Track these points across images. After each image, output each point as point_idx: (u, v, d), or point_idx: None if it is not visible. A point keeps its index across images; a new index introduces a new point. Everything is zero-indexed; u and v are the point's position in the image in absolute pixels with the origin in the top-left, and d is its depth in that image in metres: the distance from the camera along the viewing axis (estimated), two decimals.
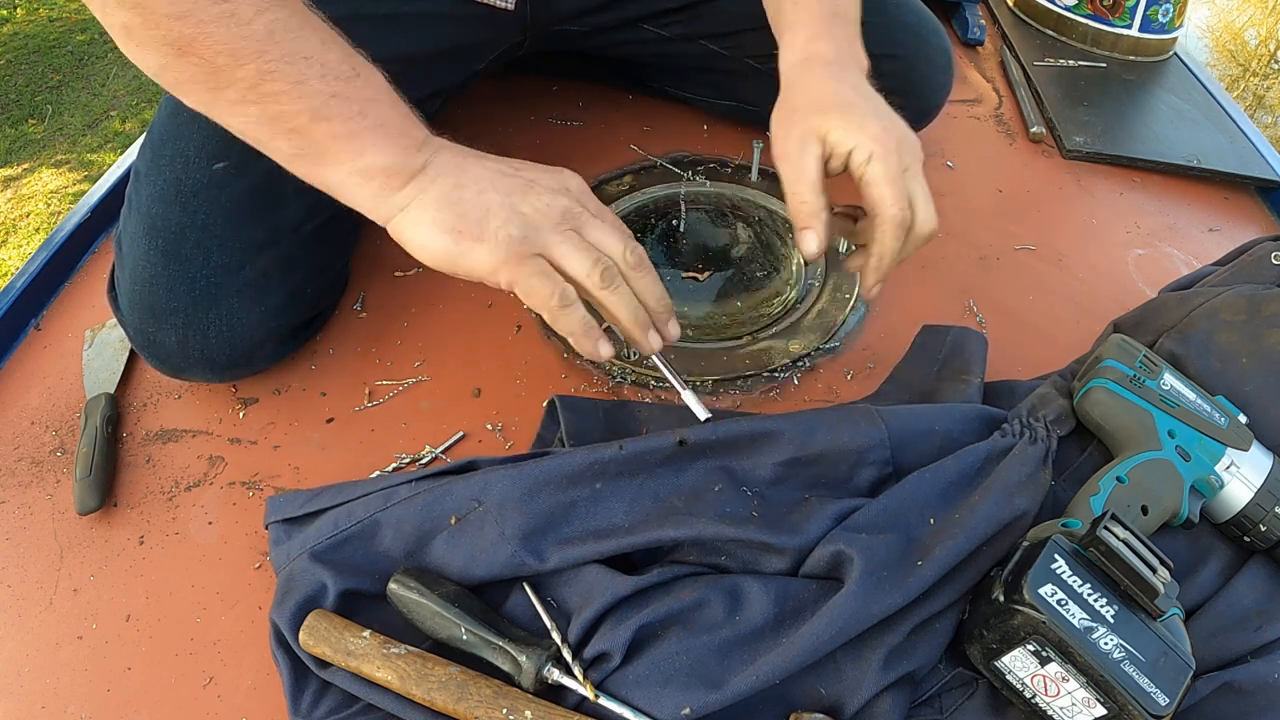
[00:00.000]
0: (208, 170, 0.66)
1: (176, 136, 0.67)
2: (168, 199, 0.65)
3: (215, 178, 0.66)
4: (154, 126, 0.69)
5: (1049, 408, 0.62)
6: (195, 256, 0.65)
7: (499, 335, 0.75)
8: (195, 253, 0.65)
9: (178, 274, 0.65)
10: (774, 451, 0.58)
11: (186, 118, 0.67)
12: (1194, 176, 0.98)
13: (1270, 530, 0.57)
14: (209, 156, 0.66)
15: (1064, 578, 0.48)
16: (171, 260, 0.65)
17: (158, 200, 0.65)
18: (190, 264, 0.65)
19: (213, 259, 0.65)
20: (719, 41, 0.88)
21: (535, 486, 0.55)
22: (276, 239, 0.68)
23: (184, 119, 0.67)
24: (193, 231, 0.65)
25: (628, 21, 0.87)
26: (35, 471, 0.66)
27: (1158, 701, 0.45)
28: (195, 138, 0.66)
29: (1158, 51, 1.17)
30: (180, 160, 0.66)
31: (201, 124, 0.66)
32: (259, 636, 0.55)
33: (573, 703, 0.50)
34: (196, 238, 0.65)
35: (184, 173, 0.66)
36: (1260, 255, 0.70)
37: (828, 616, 0.49)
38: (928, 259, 0.84)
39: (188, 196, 0.65)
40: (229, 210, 0.66)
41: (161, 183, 0.66)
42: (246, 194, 0.66)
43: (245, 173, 0.66)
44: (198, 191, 0.65)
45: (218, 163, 0.66)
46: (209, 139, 0.66)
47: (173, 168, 0.66)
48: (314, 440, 0.67)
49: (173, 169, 0.66)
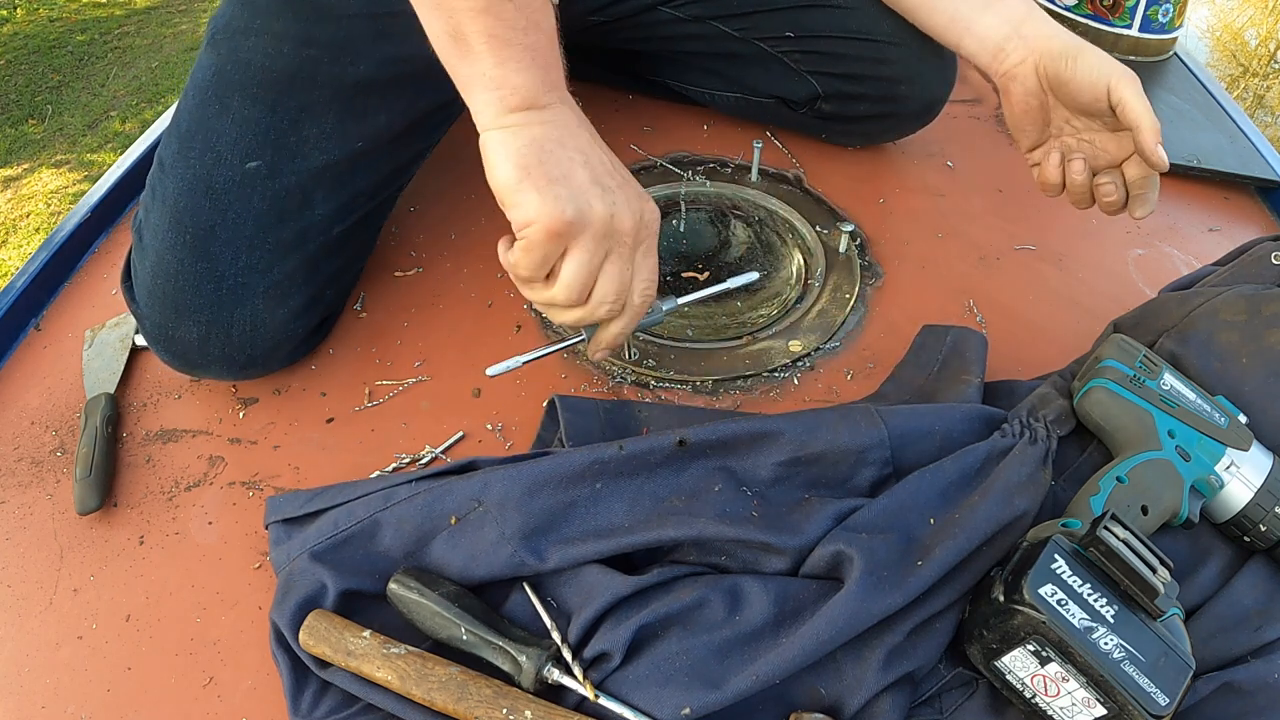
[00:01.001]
0: (240, 168, 0.65)
1: (207, 130, 0.66)
2: (197, 193, 0.65)
3: (248, 176, 0.65)
4: (180, 116, 0.68)
5: (1049, 408, 0.62)
6: (224, 254, 0.65)
7: (499, 335, 0.75)
8: (225, 251, 0.65)
9: (205, 271, 0.64)
10: (774, 451, 0.58)
11: (216, 110, 0.66)
12: (1194, 176, 0.98)
13: (1270, 530, 0.57)
14: (242, 154, 0.65)
15: (1064, 578, 0.48)
16: (200, 257, 0.64)
17: (186, 194, 0.65)
18: (219, 262, 0.65)
19: (242, 258, 0.65)
20: (732, 23, 0.88)
21: (535, 486, 0.55)
22: (304, 242, 0.68)
23: (213, 112, 0.66)
24: (223, 229, 0.65)
25: (647, 6, 0.87)
26: (35, 471, 0.66)
27: (1158, 701, 0.45)
28: (228, 133, 0.66)
29: (1158, 51, 1.17)
30: (211, 155, 0.65)
31: (233, 119, 0.66)
32: (259, 636, 0.55)
33: (573, 703, 0.50)
34: (227, 236, 0.65)
35: (215, 168, 0.65)
36: (1260, 255, 0.70)
37: (828, 616, 0.49)
38: (928, 259, 0.84)
39: (219, 193, 0.65)
40: (261, 211, 0.66)
41: (191, 176, 0.65)
42: (279, 195, 0.66)
43: (278, 174, 0.66)
44: (229, 189, 0.65)
45: (251, 161, 0.65)
46: (242, 136, 0.66)
47: (203, 162, 0.65)
48: (314, 440, 0.67)
49: (203, 163, 0.65)
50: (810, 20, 0.86)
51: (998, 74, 0.72)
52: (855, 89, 0.88)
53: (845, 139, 0.96)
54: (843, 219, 0.86)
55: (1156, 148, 0.64)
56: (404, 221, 0.85)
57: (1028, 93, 0.70)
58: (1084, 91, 0.67)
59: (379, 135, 0.71)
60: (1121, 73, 0.66)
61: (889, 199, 0.91)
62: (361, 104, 0.70)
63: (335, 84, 0.68)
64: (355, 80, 0.69)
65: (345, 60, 0.68)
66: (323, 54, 0.68)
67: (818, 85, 0.89)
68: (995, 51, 0.71)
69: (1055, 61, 0.68)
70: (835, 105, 0.91)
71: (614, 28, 0.89)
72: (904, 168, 0.96)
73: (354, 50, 0.68)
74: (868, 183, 0.93)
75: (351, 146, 0.69)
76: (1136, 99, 0.64)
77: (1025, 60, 0.70)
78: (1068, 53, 0.67)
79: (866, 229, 0.87)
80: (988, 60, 0.72)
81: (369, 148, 0.71)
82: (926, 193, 0.93)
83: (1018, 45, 0.70)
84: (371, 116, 0.70)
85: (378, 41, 0.69)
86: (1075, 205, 0.73)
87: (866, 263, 0.83)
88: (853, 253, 0.83)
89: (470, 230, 0.85)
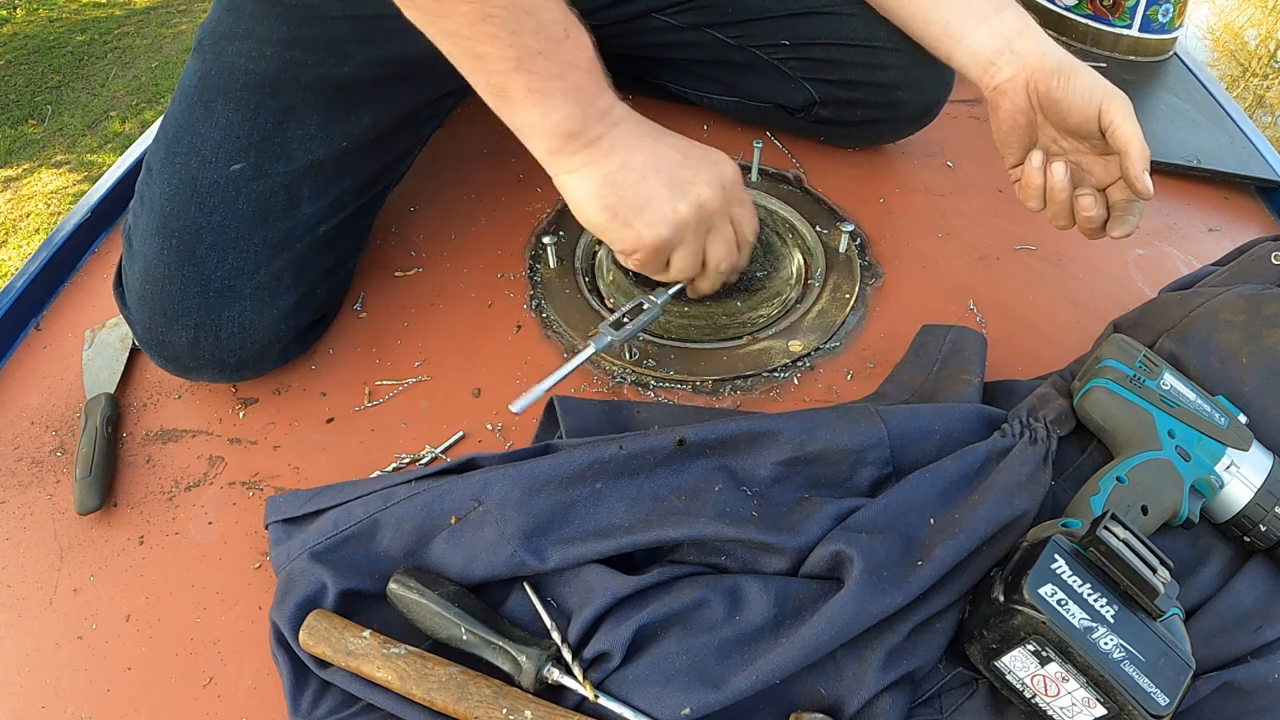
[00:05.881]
0: (225, 171, 0.65)
1: (192, 134, 0.66)
2: (183, 198, 0.65)
3: (232, 179, 0.66)
4: (167, 121, 0.69)
5: (1049, 408, 0.62)
6: (210, 257, 0.65)
7: (499, 335, 0.75)
8: (210, 254, 0.65)
9: (192, 274, 0.64)
10: (774, 451, 0.58)
11: (201, 115, 0.67)
12: (1194, 176, 0.98)
13: (1270, 530, 0.57)
14: (226, 157, 0.66)
15: (1064, 578, 0.48)
16: (186, 260, 0.64)
17: (172, 199, 0.65)
18: (205, 265, 0.65)
19: (228, 260, 0.65)
20: (728, 31, 0.88)
21: (535, 486, 0.55)
22: (291, 241, 0.68)
23: (198, 116, 0.67)
24: (208, 232, 0.65)
25: (642, 13, 0.87)
26: (35, 471, 0.66)
27: (1158, 701, 0.45)
28: (212, 137, 0.66)
29: (1158, 51, 1.17)
30: (196, 159, 0.66)
31: (218, 123, 0.66)
32: (259, 636, 0.55)
33: (573, 703, 0.50)
34: (212, 239, 0.65)
35: (200, 172, 0.65)
36: (1260, 255, 0.70)
37: (827, 616, 0.49)
38: (928, 259, 0.84)
39: (204, 196, 0.65)
40: (246, 212, 0.66)
41: (176, 181, 0.65)
42: (264, 196, 0.66)
43: (263, 175, 0.66)
44: (214, 192, 0.65)
45: (235, 164, 0.66)
46: (226, 139, 0.66)
47: (188, 166, 0.66)
48: (314, 440, 0.67)
49: (188, 167, 0.66)
50: (807, 27, 0.86)
51: (988, 88, 0.70)
52: (852, 95, 0.88)
53: (843, 141, 0.96)
54: (843, 219, 0.86)
55: (1143, 174, 0.62)
56: (404, 221, 0.85)
57: (1016, 109, 0.69)
58: (1075, 111, 0.65)
59: (365, 134, 0.71)
60: (1114, 94, 0.64)
61: (889, 199, 0.91)
62: (346, 104, 0.70)
63: (319, 85, 0.68)
64: (340, 81, 0.69)
65: (329, 62, 0.68)
66: (306, 56, 0.68)
67: (814, 92, 0.89)
68: (986, 65, 0.70)
69: (1048, 79, 0.66)
70: (832, 110, 0.91)
71: (608, 34, 0.89)
72: (904, 168, 0.96)
73: (338, 52, 0.69)
74: (868, 183, 0.93)
75: (337, 146, 0.70)
76: (1128, 122, 0.63)
77: (1016, 76, 0.68)
78: (1061, 70, 0.66)
79: (866, 229, 0.87)
80: (978, 74, 0.71)
81: (355, 146, 0.71)
82: (926, 193, 0.93)
83: (1009, 60, 0.69)
84: (356, 116, 0.70)
85: (362, 43, 0.69)
86: (1054, 221, 0.70)
87: (866, 263, 0.83)
88: (853, 253, 0.83)
89: (470, 230, 0.85)
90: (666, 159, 0.61)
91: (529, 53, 0.54)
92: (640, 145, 0.60)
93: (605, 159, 0.59)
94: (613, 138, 0.59)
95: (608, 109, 0.59)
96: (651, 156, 0.60)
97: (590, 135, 0.58)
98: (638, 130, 0.61)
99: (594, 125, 0.58)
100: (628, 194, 0.59)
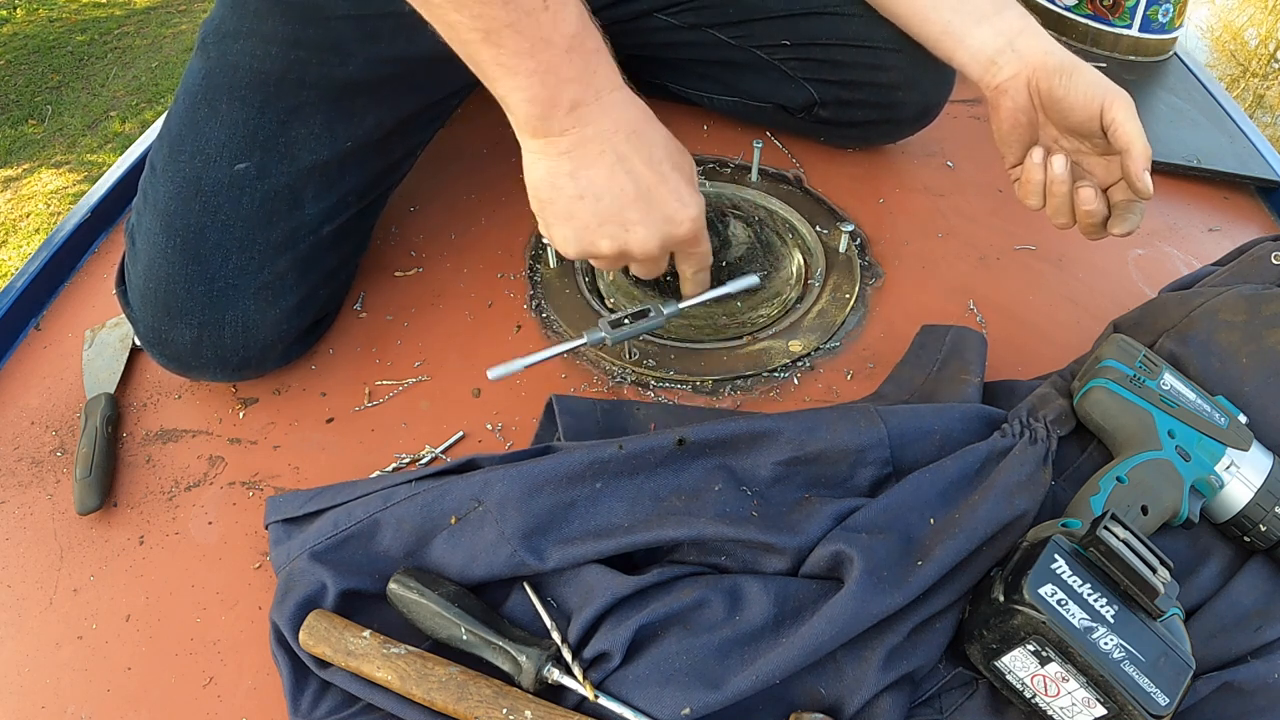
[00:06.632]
0: (229, 170, 0.65)
1: (196, 133, 0.66)
2: (187, 197, 0.65)
3: (237, 178, 0.65)
4: (171, 119, 0.68)
5: (1049, 408, 0.62)
6: (214, 257, 0.65)
7: (499, 335, 0.75)
8: (214, 253, 0.65)
9: (196, 273, 0.64)
10: (773, 451, 0.58)
11: (205, 114, 0.67)
12: (1194, 176, 0.98)
13: (1270, 530, 0.57)
14: (231, 156, 0.66)
15: (1064, 578, 0.48)
16: (190, 259, 0.64)
17: (176, 197, 0.65)
18: (209, 264, 0.65)
19: (232, 260, 0.65)
20: (728, 31, 0.88)
21: (535, 486, 0.55)
22: (295, 241, 0.68)
23: (202, 115, 0.67)
24: (213, 232, 0.65)
25: (642, 12, 0.87)
26: (35, 471, 0.66)
27: (1158, 701, 0.45)
28: (216, 136, 0.66)
29: (1158, 51, 1.17)
30: (200, 158, 0.66)
31: (223, 122, 0.66)
32: (259, 636, 0.55)
33: (573, 703, 0.50)
34: (217, 238, 0.65)
35: (204, 171, 0.65)
36: (1260, 255, 0.70)
37: (827, 616, 0.49)
38: (928, 259, 0.84)
39: (208, 195, 0.65)
40: (250, 212, 0.66)
41: (180, 179, 0.65)
42: (268, 196, 0.66)
43: (267, 175, 0.66)
44: (218, 191, 0.65)
45: (240, 163, 0.66)
46: (230, 138, 0.66)
47: (192, 165, 0.65)
48: (314, 440, 0.67)
49: (192, 166, 0.65)
50: (807, 28, 0.86)
51: (989, 88, 0.70)
52: (853, 95, 0.88)
53: (843, 141, 0.96)
54: (843, 219, 0.86)
55: (1143, 174, 0.61)
56: (404, 221, 0.85)
57: (1017, 108, 0.69)
58: (1077, 110, 0.65)
59: (368, 135, 0.71)
60: (1116, 93, 0.64)
61: (889, 199, 0.91)
62: (350, 104, 0.70)
63: (323, 85, 0.68)
64: (344, 81, 0.69)
65: (334, 61, 0.68)
66: (311, 55, 0.68)
67: (815, 92, 0.89)
68: (987, 65, 0.70)
69: (1050, 77, 0.66)
70: (832, 111, 0.91)
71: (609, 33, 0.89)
72: (904, 168, 0.96)
73: (342, 51, 0.68)
74: (868, 183, 0.93)
75: (340, 146, 0.70)
76: (1130, 121, 0.62)
77: (1017, 75, 0.68)
78: (1063, 69, 0.65)
79: (866, 229, 0.87)
80: (979, 73, 0.70)
81: (358, 147, 0.71)
82: (926, 193, 0.93)
83: (1011, 59, 0.68)
84: (360, 116, 0.70)
85: (366, 42, 0.69)
86: (1054, 218, 0.69)
87: (866, 263, 0.83)
88: (853, 253, 0.83)
89: (470, 230, 0.85)
90: (620, 189, 0.57)
91: (497, 24, 0.51)
92: (602, 161, 0.57)
93: (559, 157, 0.57)
94: (576, 139, 0.56)
95: (579, 103, 0.55)
96: (606, 179, 0.57)
97: (553, 127, 0.56)
98: (611, 140, 0.57)
99: (559, 117, 0.55)
100: (557, 202, 0.58)
